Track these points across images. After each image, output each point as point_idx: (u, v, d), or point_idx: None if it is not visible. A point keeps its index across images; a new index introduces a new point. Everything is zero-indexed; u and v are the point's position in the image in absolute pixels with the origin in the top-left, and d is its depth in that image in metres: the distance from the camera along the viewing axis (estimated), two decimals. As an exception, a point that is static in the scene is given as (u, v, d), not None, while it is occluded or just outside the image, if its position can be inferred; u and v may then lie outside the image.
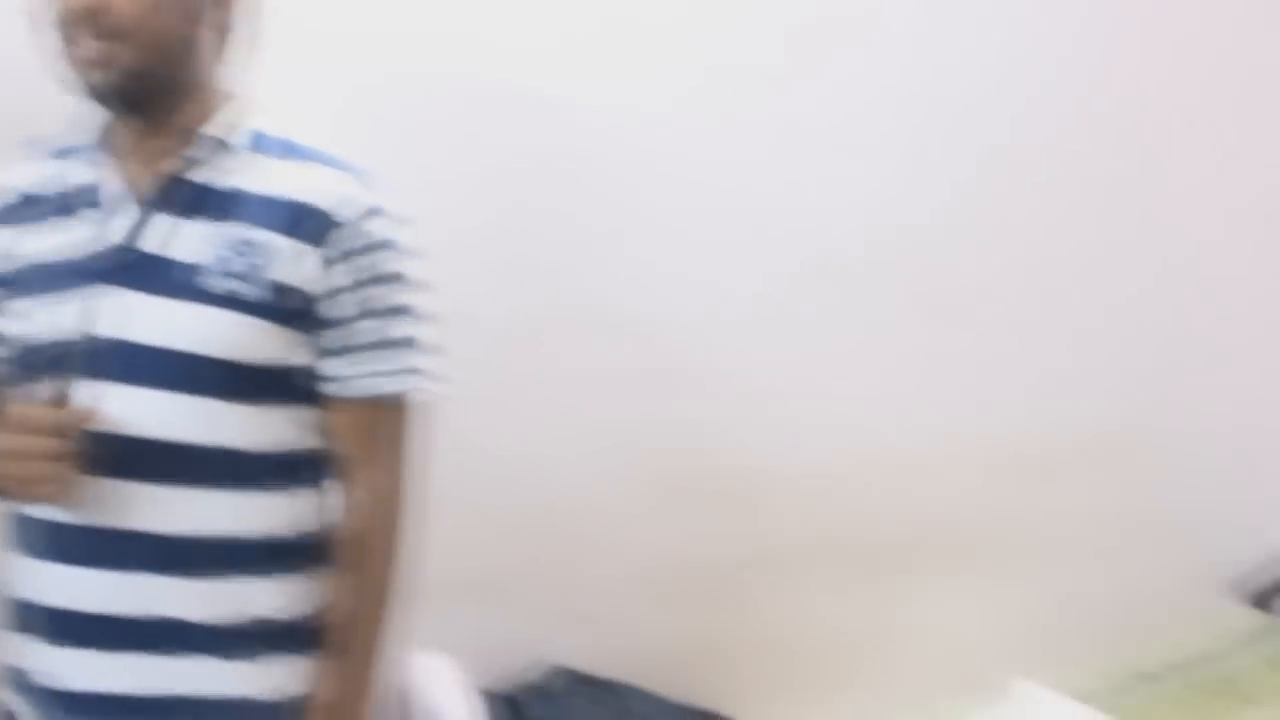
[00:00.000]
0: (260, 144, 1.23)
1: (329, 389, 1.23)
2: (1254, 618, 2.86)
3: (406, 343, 1.25)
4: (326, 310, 1.20)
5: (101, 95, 1.14)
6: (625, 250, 2.12)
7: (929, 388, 2.47)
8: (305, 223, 1.18)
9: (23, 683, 1.20)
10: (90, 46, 1.11)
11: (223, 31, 1.22)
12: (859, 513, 2.41)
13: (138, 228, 1.17)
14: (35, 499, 1.12)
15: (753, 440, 2.27)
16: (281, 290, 1.16)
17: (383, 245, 1.23)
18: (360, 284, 1.21)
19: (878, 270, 2.37)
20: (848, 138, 2.33)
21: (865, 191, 2.34)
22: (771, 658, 2.36)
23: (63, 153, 1.25)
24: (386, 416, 1.26)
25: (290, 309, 1.17)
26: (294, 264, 1.17)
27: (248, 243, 1.16)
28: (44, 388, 1.11)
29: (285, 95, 1.30)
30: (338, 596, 1.25)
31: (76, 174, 1.21)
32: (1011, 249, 2.53)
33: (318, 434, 1.24)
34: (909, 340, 2.42)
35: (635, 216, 2.13)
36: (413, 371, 1.25)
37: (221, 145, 1.20)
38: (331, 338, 1.21)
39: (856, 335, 2.37)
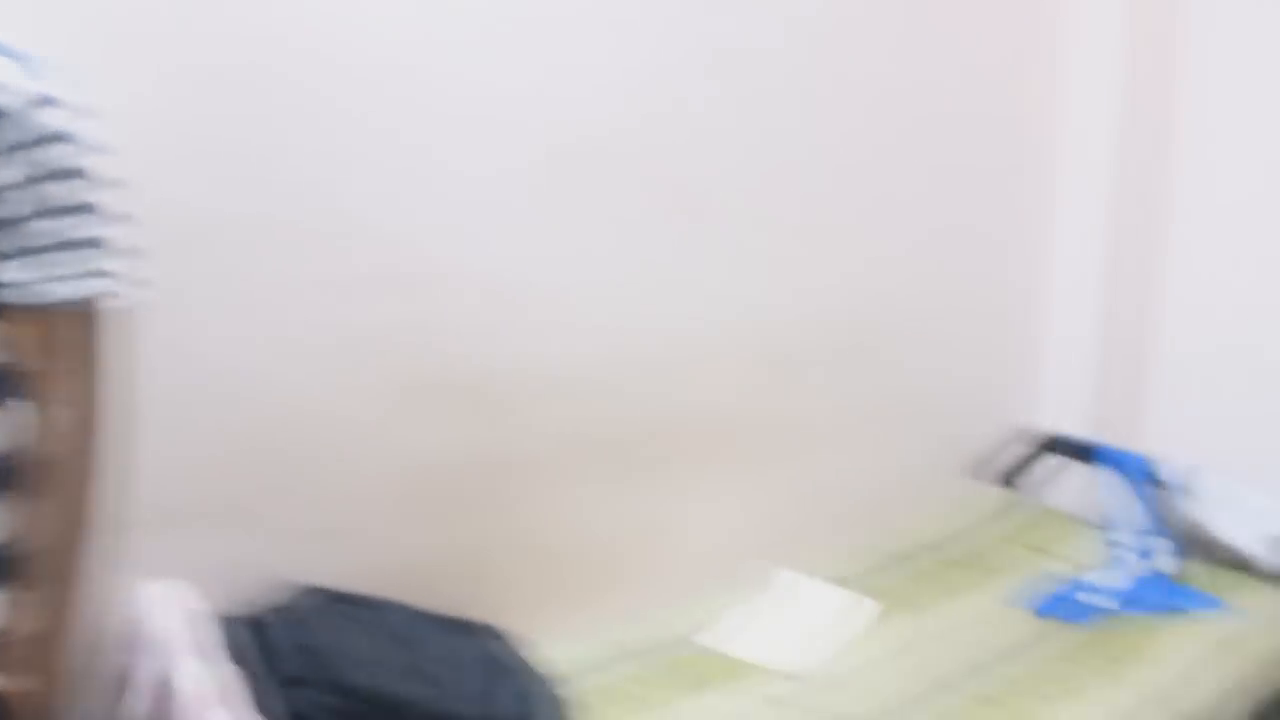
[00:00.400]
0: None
1: (6, 296, 1.11)
2: (998, 495, 3.03)
3: (90, 244, 1.14)
4: (-3, 210, 1.08)
5: None
6: (359, 149, 2.01)
7: (683, 284, 2.45)
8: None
9: None
10: None
11: None
12: (615, 411, 2.39)
13: None
14: None
15: (503, 341, 2.21)
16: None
17: (58, 138, 1.11)
18: (33, 180, 1.10)
19: (628, 166, 2.32)
20: (598, 28, 2.27)
21: (617, 85, 2.28)
22: (533, 562, 2.34)
23: None
24: (72, 325, 1.15)
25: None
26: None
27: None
28: None
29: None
30: (33, 522, 1.15)
31: None
32: (763, 146, 2.52)
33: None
34: (661, 237, 2.40)
35: (369, 114, 2.01)
36: (98, 274, 1.15)
37: None
38: (4, 240, 1.10)
39: (608, 232, 2.32)
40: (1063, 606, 2.49)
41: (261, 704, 1.70)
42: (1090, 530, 2.84)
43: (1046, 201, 3.13)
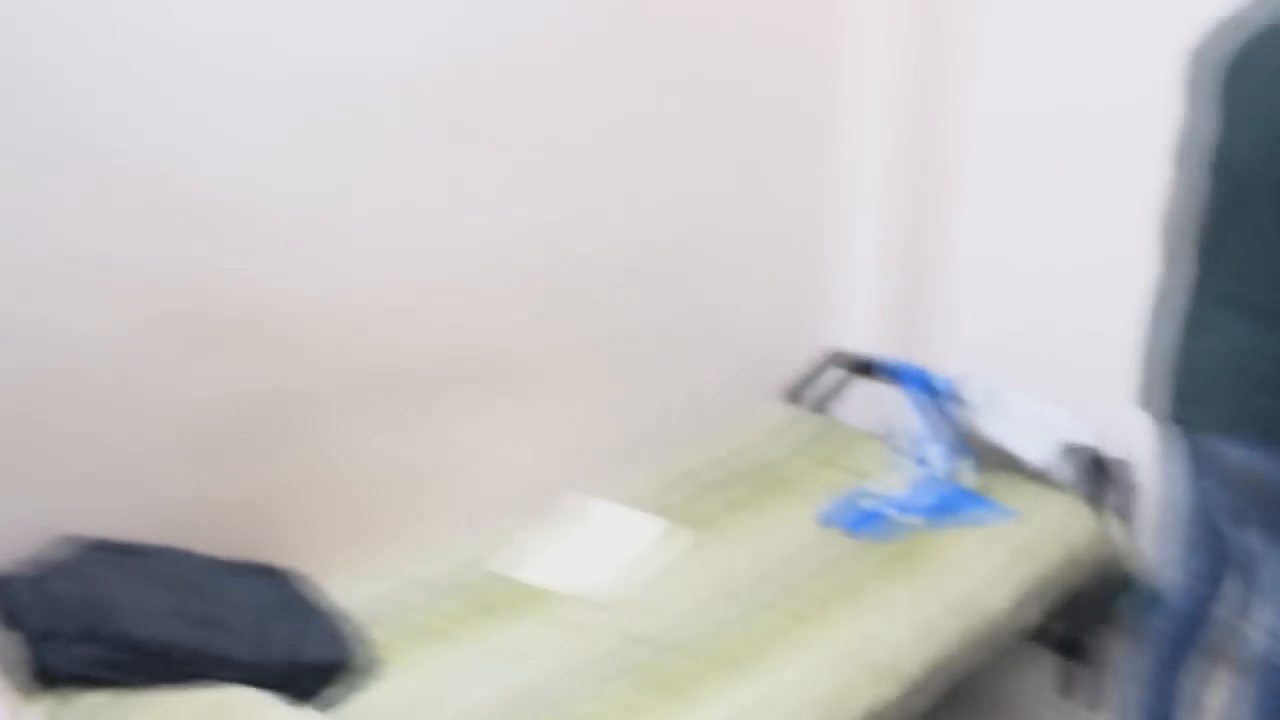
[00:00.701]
0: None
1: None
2: (797, 414, 3.09)
3: None
4: None
5: None
6: (110, 75, 1.89)
7: (465, 211, 2.40)
8: None
9: None
10: None
11: None
12: (400, 341, 2.34)
13: None
14: None
15: (275, 274, 2.12)
16: None
17: None
18: None
19: (399, 91, 2.23)
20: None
21: (383, 8, 2.20)
22: (322, 499, 2.28)
23: None
24: None
25: None
26: None
27: None
28: None
29: None
30: None
31: None
32: (544, 69, 2.46)
33: None
34: (439, 163, 2.33)
35: (123, 40, 1.89)
36: None
37: None
38: None
39: (383, 160, 2.24)
40: (861, 520, 2.56)
41: (33, 661, 1.63)
42: (888, 445, 2.92)
43: (834, 126, 3.16)
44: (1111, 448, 2.72)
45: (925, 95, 3.15)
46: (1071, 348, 3.02)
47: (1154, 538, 2.68)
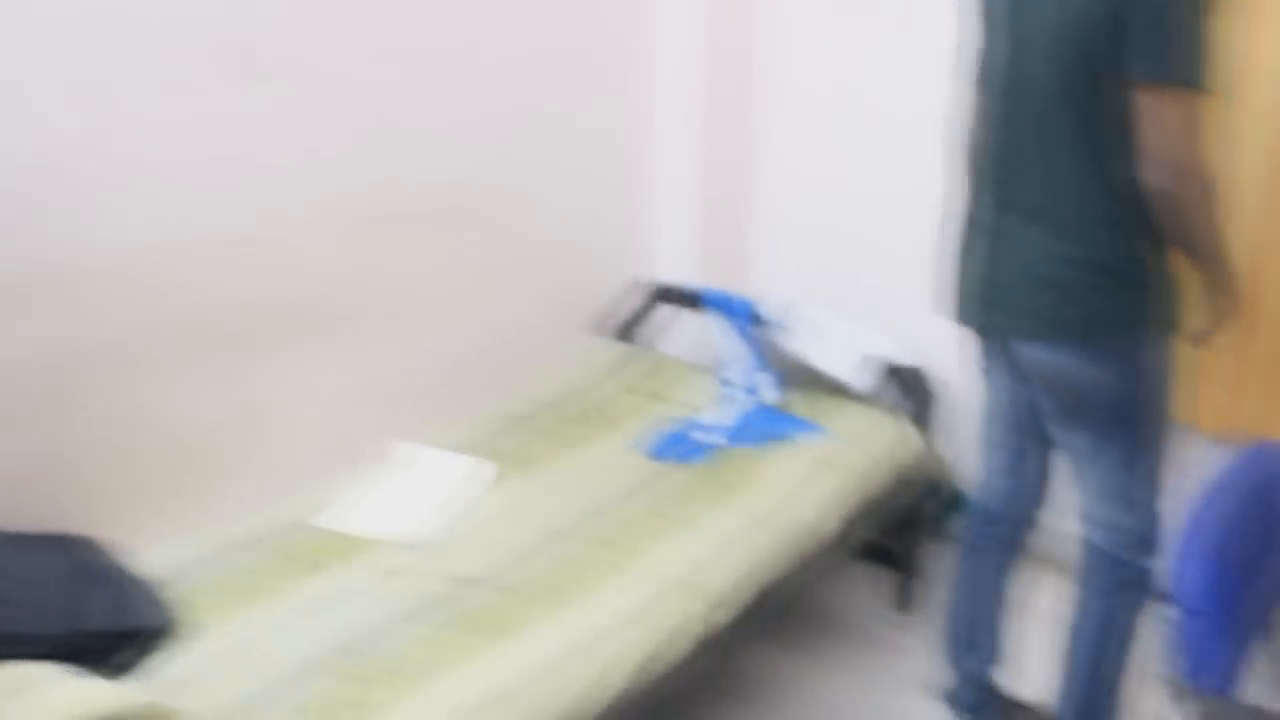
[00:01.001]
0: None
1: None
2: (615, 347, 3.10)
3: None
4: None
5: None
6: None
7: (261, 153, 2.31)
8: None
9: None
10: None
11: None
12: (197, 294, 2.24)
13: None
14: None
15: (65, 228, 2.00)
16: None
17: None
18: None
19: (189, 26, 2.13)
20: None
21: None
22: (125, 465, 2.18)
23: None
24: None
25: None
26: None
27: None
28: None
29: None
30: None
31: None
32: (344, 1, 2.40)
33: None
34: (231, 104, 2.23)
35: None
36: None
37: None
38: None
39: (170, 103, 2.13)
40: (677, 447, 2.59)
41: None
42: (702, 374, 2.96)
43: (645, 55, 3.15)
44: (916, 360, 2.81)
45: (737, 25, 3.17)
46: (876, 266, 3.11)
47: (963, 447, 2.80)
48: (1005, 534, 2.29)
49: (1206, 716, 1.28)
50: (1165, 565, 1.45)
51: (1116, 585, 2.08)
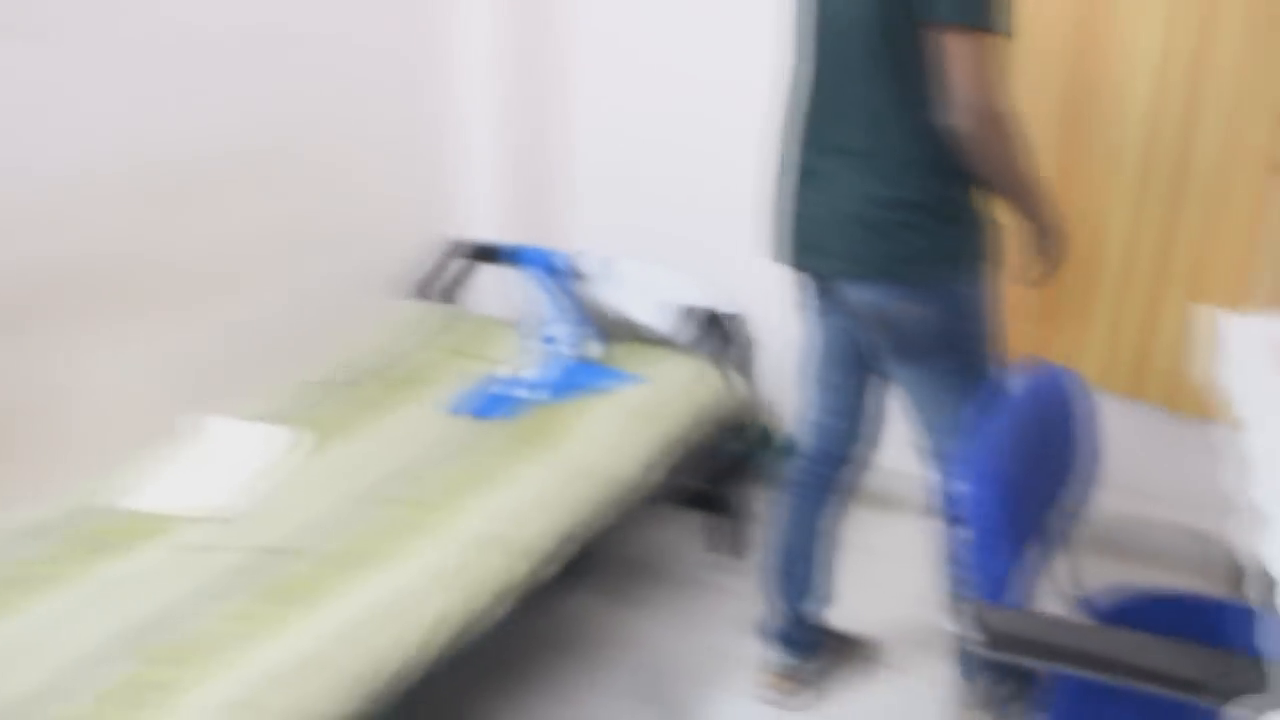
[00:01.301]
0: None
1: None
2: (427, 308, 3.06)
3: None
4: None
5: None
6: None
7: (49, 120, 2.20)
8: None
9: None
10: None
11: None
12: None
13: None
14: None
15: None
16: None
17: None
18: None
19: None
20: None
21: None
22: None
23: None
24: None
25: None
26: None
27: None
28: None
29: None
30: None
31: None
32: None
33: None
34: (6, 66, 2.11)
35: None
36: None
37: None
38: None
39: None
40: (492, 405, 2.57)
41: None
42: (518, 330, 2.94)
43: (448, 11, 3.09)
44: (736, 308, 2.83)
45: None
46: (694, 219, 3.13)
47: (789, 390, 2.85)
48: (833, 473, 2.31)
49: (982, 622, 1.33)
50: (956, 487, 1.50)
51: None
